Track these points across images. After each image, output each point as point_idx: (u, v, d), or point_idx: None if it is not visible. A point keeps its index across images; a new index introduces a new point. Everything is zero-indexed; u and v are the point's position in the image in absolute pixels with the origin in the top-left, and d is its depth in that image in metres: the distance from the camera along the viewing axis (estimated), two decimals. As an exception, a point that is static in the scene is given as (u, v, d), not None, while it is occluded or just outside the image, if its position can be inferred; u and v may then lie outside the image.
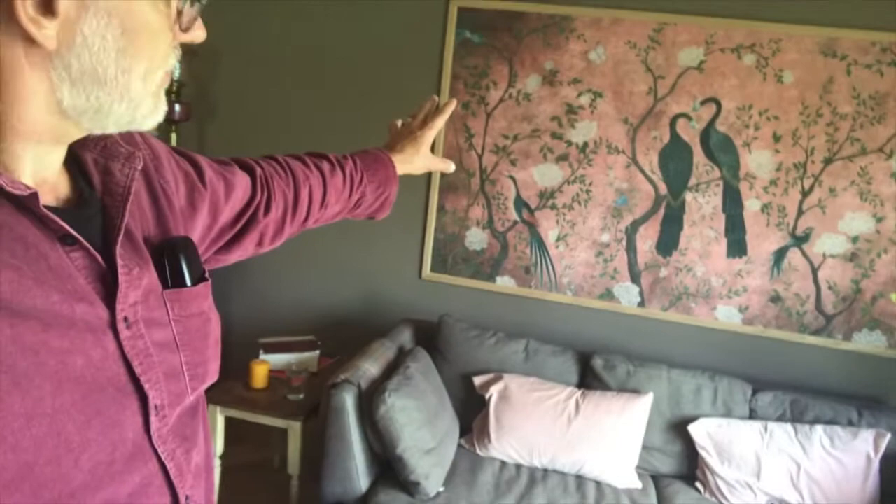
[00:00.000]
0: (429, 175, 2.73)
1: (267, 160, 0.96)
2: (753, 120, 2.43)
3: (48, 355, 0.49)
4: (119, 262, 0.58)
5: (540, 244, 2.69)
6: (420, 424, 2.11)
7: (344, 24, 2.73)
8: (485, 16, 2.57)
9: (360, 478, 2.14)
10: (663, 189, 2.55)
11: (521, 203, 2.68)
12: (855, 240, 2.45)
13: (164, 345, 0.62)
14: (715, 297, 2.59)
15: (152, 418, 0.58)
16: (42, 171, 0.55)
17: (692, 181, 2.52)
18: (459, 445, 2.41)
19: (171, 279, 0.65)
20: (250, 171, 0.91)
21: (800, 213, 2.47)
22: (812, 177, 2.44)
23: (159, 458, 0.60)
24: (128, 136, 0.67)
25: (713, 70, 2.43)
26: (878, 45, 2.30)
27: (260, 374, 2.42)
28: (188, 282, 0.67)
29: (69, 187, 0.59)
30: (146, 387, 0.57)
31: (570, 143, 2.59)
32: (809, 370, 2.56)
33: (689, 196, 2.54)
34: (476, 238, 2.75)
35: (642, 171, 2.56)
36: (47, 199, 0.55)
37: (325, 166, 1.02)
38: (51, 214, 0.52)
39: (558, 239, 2.67)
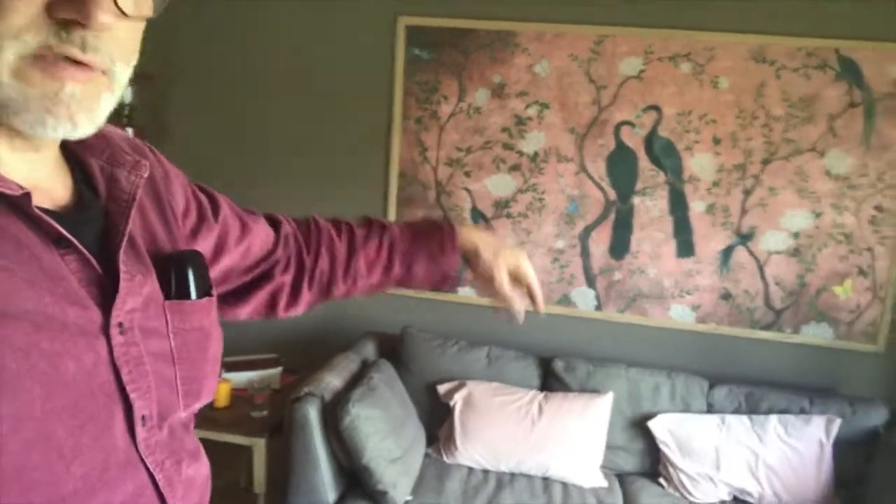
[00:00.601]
0: (385, 188, 2.79)
1: (298, 220, 0.96)
2: (693, 125, 2.55)
3: (39, 357, 0.48)
4: (122, 267, 0.57)
5: (497, 253, 2.75)
6: (385, 434, 2.12)
7: (295, 45, 2.79)
8: (432, 33, 2.66)
9: (327, 491, 2.13)
10: (612, 194, 2.64)
11: (477, 214, 2.74)
12: (796, 236, 2.56)
13: (160, 356, 0.61)
14: (668, 298, 2.67)
15: (138, 428, 0.57)
16: (29, 176, 0.54)
17: (639, 186, 2.62)
18: (426, 455, 2.42)
19: (175, 290, 0.65)
20: (276, 226, 0.90)
21: (743, 212, 2.57)
22: (752, 177, 2.55)
23: (148, 469, 0.59)
24: (135, 146, 0.68)
25: (653, 79, 2.54)
26: (804, 50, 2.44)
27: (222, 392, 2.40)
28: (193, 295, 0.66)
29: (70, 192, 0.59)
30: (132, 396, 0.56)
31: (521, 153, 2.67)
32: (762, 363, 2.64)
33: (636, 200, 2.63)
34: (434, 250, 2.79)
35: (591, 178, 2.64)
36: (42, 201, 0.54)
37: (359, 233, 0.97)
38: (43, 216, 0.51)
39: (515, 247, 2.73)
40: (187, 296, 0.66)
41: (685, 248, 2.63)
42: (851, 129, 2.46)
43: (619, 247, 2.67)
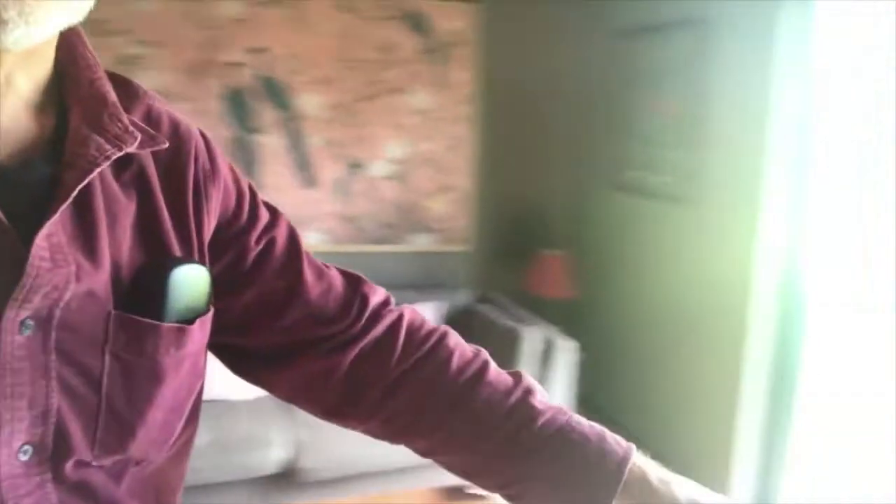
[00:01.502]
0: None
1: (427, 324, 0.71)
2: (301, 67, 2.81)
3: None
4: (39, 251, 0.44)
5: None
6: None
7: None
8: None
9: None
10: (236, 132, 2.77)
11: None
12: (397, 162, 3.04)
13: (84, 376, 0.48)
14: (301, 225, 2.89)
15: (6, 458, 0.44)
16: None
17: (259, 124, 2.80)
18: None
19: (139, 303, 0.50)
20: (355, 286, 0.68)
21: (352, 144, 2.95)
22: (356, 113, 2.93)
23: None
24: (177, 128, 0.57)
25: (259, 22, 2.72)
26: (383, 2, 2.88)
27: None
28: (166, 315, 0.51)
29: (27, 143, 0.47)
30: (4, 416, 0.43)
31: (134, 95, 2.61)
32: (388, 270, 3.08)
33: (258, 138, 2.81)
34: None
35: (212, 118, 2.72)
36: None
37: (491, 378, 0.66)
38: None
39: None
40: (156, 314, 0.51)
41: (308, 179, 2.91)
42: (428, 72, 3.00)
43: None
